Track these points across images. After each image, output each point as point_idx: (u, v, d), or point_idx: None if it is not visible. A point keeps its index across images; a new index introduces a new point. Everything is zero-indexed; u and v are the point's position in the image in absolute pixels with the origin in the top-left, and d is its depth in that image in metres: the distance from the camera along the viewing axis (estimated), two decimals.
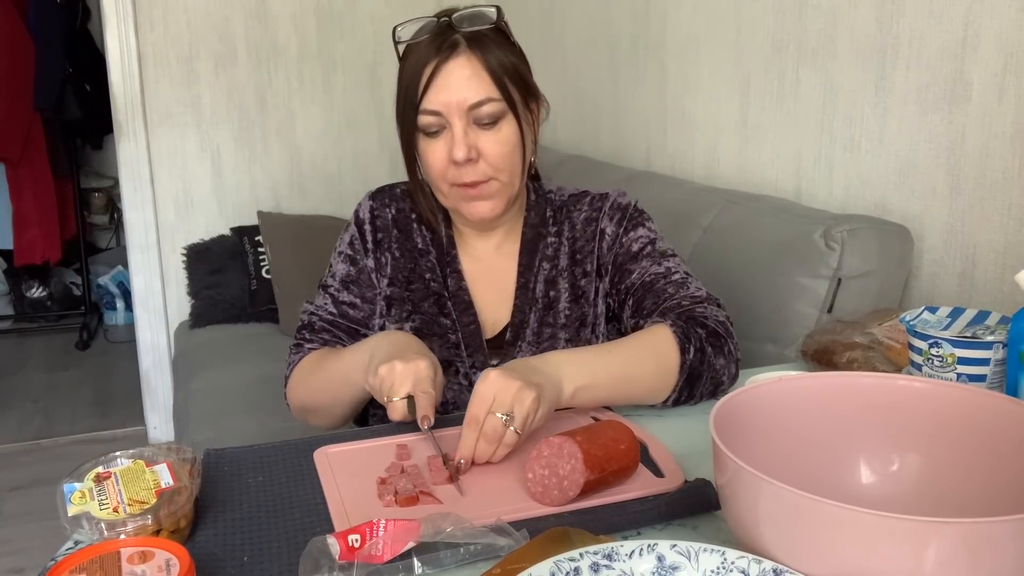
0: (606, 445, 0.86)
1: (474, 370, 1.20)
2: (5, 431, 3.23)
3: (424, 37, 1.13)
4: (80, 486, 0.81)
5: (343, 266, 1.25)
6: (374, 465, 0.94)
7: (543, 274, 1.24)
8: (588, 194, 1.28)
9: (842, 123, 1.60)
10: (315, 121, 3.16)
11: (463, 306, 1.22)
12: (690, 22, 2.03)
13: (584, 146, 2.58)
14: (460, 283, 1.23)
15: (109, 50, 2.92)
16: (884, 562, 0.57)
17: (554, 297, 1.23)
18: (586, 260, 1.24)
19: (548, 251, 1.25)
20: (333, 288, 1.25)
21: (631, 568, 0.64)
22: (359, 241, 1.25)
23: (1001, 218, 1.32)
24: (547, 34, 2.74)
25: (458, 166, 1.12)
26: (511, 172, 1.16)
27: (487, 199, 1.16)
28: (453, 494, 0.88)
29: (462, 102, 1.11)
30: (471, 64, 1.12)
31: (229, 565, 0.77)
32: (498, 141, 1.13)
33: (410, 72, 1.12)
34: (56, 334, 4.24)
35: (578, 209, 1.27)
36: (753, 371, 1.15)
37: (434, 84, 1.11)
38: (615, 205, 1.25)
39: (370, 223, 1.25)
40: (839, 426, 0.79)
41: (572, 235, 1.26)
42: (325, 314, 1.24)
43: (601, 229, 1.24)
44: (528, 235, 1.25)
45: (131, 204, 3.02)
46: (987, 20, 1.31)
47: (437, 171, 1.14)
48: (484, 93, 1.11)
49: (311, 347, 1.23)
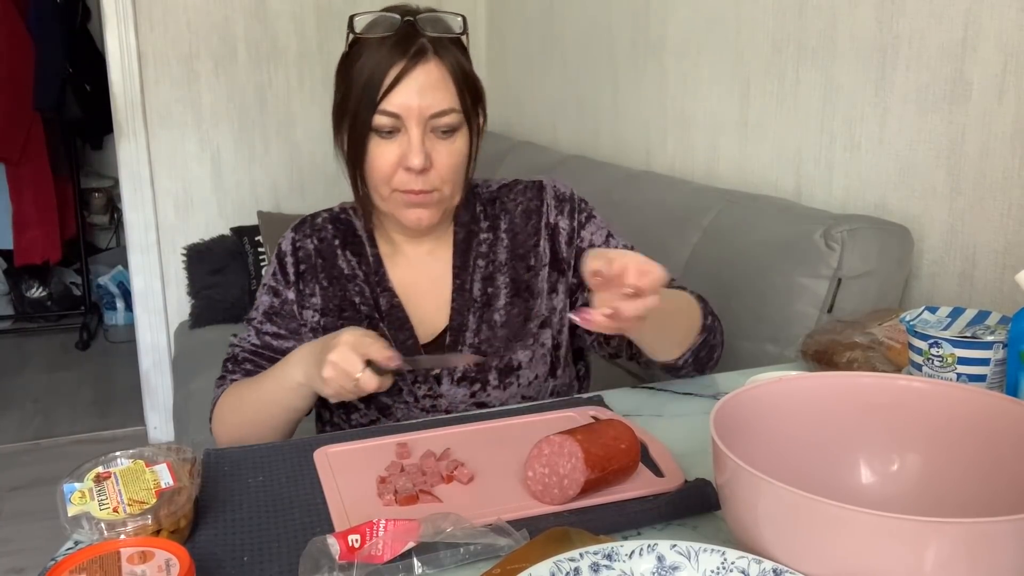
0: (607, 444, 0.85)
1: (417, 385, 1.18)
2: (5, 431, 3.23)
3: (387, 34, 1.09)
4: (80, 486, 0.81)
5: (266, 298, 1.23)
6: (374, 464, 0.94)
7: (479, 272, 1.22)
8: (519, 183, 1.26)
9: (842, 123, 1.60)
10: (315, 121, 3.15)
11: (398, 323, 1.19)
12: (690, 22, 2.03)
13: (584, 146, 2.58)
14: (392, 300, 1.20)
15: (109, 50, 2.92)
16: (884, 562, 0.57)
17: (492, 294, 1.21)
18: (530, 254, 1.22)
19: (482, 248, 1.23)
20: (256, 320, 1.23)
21: (631, 568, 0.64)
22: (280, 274, 1.22)
23: (1001, 218, 1.32)
24: (547, 34, 2.74)
25: (407, 172, 1.10)
26: (455, 185, 1.15)
27: (426, 208, 1.14)
28: (453, 494, 0.88)
29: (425, 109, 1.09)
30: (440, 72, 1.10)
31: (229, 565, 0.78)
32: (451, 152, 1.12)
33: (372, 69, 1.09)
34: (56, 334, 4.24)
35: (512, 200, 1.25)
36: (753, 371, 1.15)
37: (399, 87, 1.08)
38: (559, 196, 1.24)
39: (291, 255, 1.23)
40: (839, 426, 0.79)
41: (511, 228, 1.23)
42: (248, 345, 1.22)
43: (552, 223, 1.23)
44: (460, 235, 1.23)
45: (131, 204, 3.02)
46: (987, 20, 1.31)
47: (383, 174, 1.12)
48: (448, 103, 1.10)
49: (233, 378, 1.21)
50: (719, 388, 1.16)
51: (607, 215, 1.33)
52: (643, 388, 1.17)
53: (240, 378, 1.21)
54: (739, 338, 1.50)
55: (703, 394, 1.14)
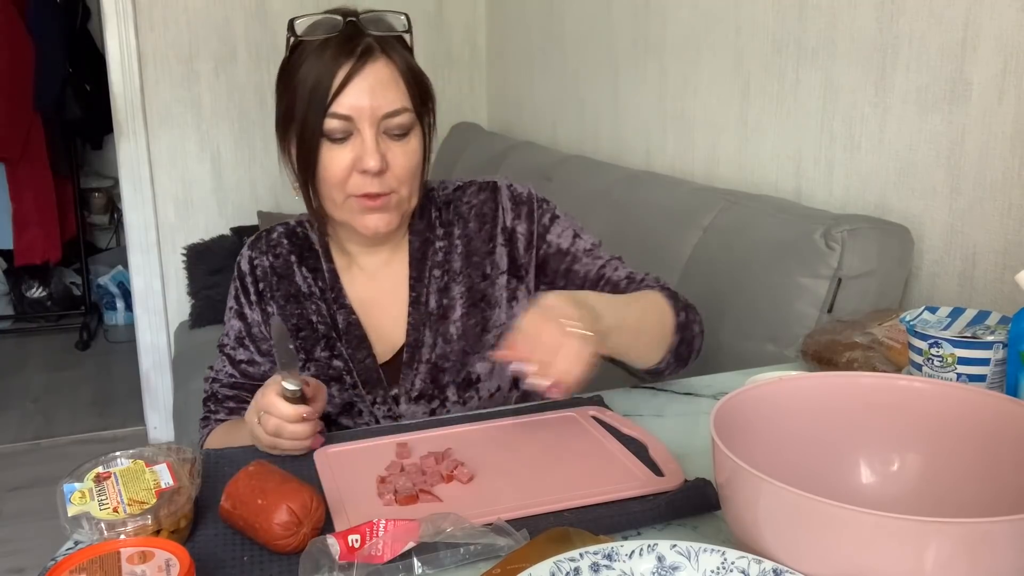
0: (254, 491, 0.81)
1: (376, 406, 1.15)
2: (5, 431, 3.23)
3: (330, 35, 1.06)
4: (80, 486, 0.81)
5: (235, 323, 1.20)
6: (374, 464, 0.94)
7: (435, 283, 1.17)
8: (473, 184, 1.21)
9: (842, 123, 1.59)
10: None
11: (356, 342, 1.16)
12: (690, 22, 2.03)
13: (584, 146, 2.58)
14: (350, 318, 1.17)
15: (109, 50, 2.92)
16: (884, 562, 0.57)
17: (448, 305, 1.17)
18: (485, 262, 1.18)
19: (438, 257, 1.18)
20: (228, 347, 1.20)
21: (631, 568, 0.64)
22: (243, 294, 1.19)
23: (1001, 218, 1.32)
24: (547, 34, 2.74)
25: (362, 176, 1.06)
26: (411, 186, 1.11)
27: (384, 212, 1.09)
28: (453, 494, 0.88)
29: (376, 109, 1.05)
30: (389, 70, 1.07)
31: (229, 565, 0.77)
32: (405, 153, 1.08)
33: (319, 72, 1.05)
34: (56, 334, 4.24)
35: (465, 204, 1.20)
36: (753, 371, 1.15)
37: (349, 88, 1.04)
38: (515, 199, 1.19)
39: (250, 274, 1.19)
40: (839, 426, 0.79)
41: (464, 234, 1.19)
42: (225, 378, 1.19)
43: (508, 227, 1.18)
44: (415, 244, 1.18)
45: (131, 204, 3.03)
46: (987, 20, 1.31)
47: (337, 179, 1.07)
48: (400, 103, 1.07)
49: (218, 419, 1.18)
50: (719, 388, 1.16)
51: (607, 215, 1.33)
52: (643, 388, 1.17)
53: (224, 417, 1.18)
54: (739, 338, 1.50)
55: (703, 394, 1.14)
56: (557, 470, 0.92)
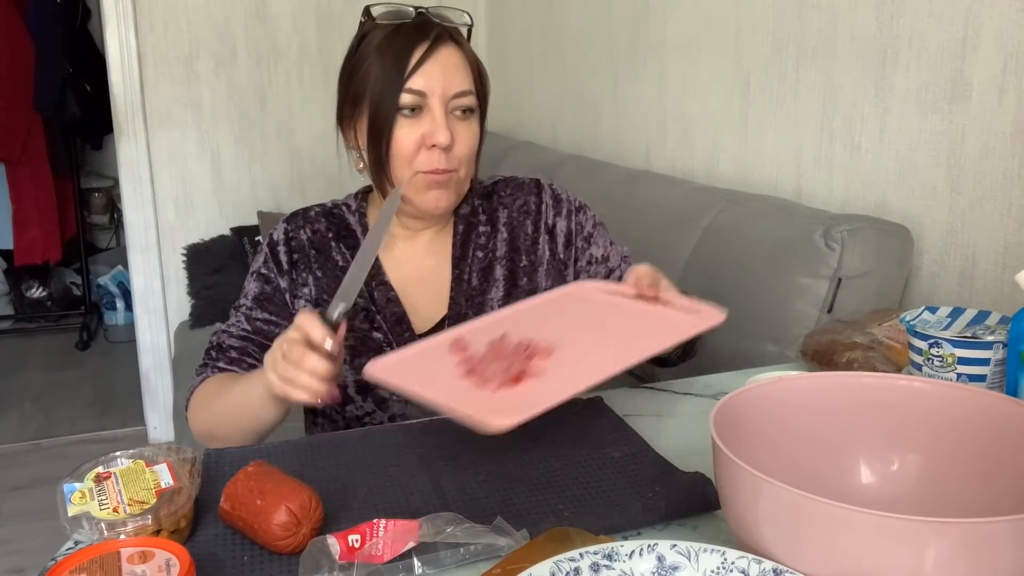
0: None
1: None
2: (5, 431, 3.23)
3: (404, 21, 1.14)
4: (80, 486, 0.81)
5: (255, 285, 1.21)
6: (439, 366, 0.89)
7: (477, 263, 1.23)
8: (515, 179, 1.29)
9: (842, 123, 1.59)
10: (315, 121, 3.16)
11: (395, 318, 1.19)
12: (690, 22, 2.03)
13: (584, 146, 2.58)
14: (389, 294, 1.20)
15: (109, 50, 2.92)
16: (884, 562, 0.57)
17: (489, 285, 1.22)
18: (528, 251, 1.24)
19: (481, 240, 1.24)
20: (245, 307, 1.20)
21: (631, 568, 0.64)
22: (272, 262, 1.22)
23: (1001, 218, 1.32)
24: (547, 34, 2.74)
25: (429, 153, 1.12)
26: (469, 169, 1.17)
27: (446, 189, 1.15)
28: (546, 366, 0.85)
29: (447, 88, 1.12)
30: (459, 56, 1.14)
31: (229, 565, 0.77)
32: (469, 134, 1.15)
33: (397, 50, 1.12)
34: (56, 334, 4.24)
35: (508, 195, 1.27)
36: (753, 371, 1.15)
37: (424, 66, 1.11)
38: (556, 198, 1.26)
39: (284, 244, 1.22)
40: (839, 426, 0.79)
41: (509, 222, 1.25)
42: (237, 331, 1.19)
43: (550, 224, 1.25)
44: (460, 227, 1.25)
45: (131, 204, 3.03)
46: (987, 20, 1.31)
47: (407, 153, 1.13)
48: (467, 85, 1.14)
49: (217, 367, 1.18)
50: (719, 388, 1.16)
51: (607, 215, 1.33)
52: (643, 388, 1.17)
53: (224, 367, 1.17)
54: (739, 338, 1.50)
55: (703, 394, 1.14)
56: (619, 328, 0.93)
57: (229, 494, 0.81)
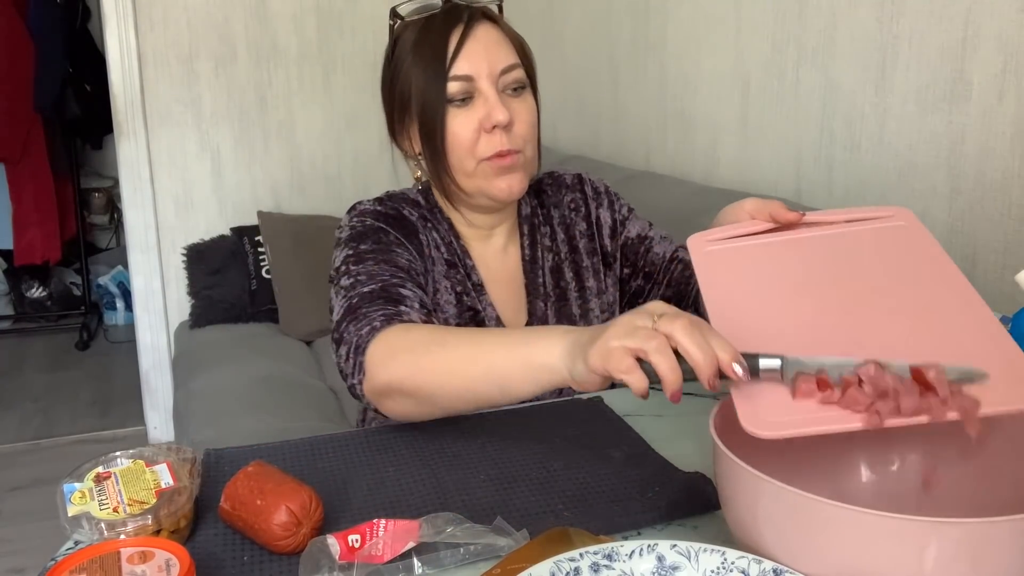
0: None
1: None
2: (5, 431, 3.23)
3: (434, 11, 1.10)
4: (80, 486, 0.81)
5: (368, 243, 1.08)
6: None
7: (547, 264, 1.22)
8: (559, 177, 1.27)
9: (842, 123, 1.60)
10: (315, 121, 3.16)
11: (491, 321, 1.16)
12: (690, 22, 2.03)
13: (584, 146, 2.58)
14: (481, 296, 1.17)
15: (109, 50, 2.92)
16: (884, 562, 0.57)
17: (564, 287, 1.21)
18: (585, 250, 1.24)
19: (545, 241, 1.23)
20: (371, 259, 1.05)
21: (631, 568, 0.64)
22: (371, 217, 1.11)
23: (1001, 218, 1.32)
24: (547, 34, 2.74)
25: (490, 136, 1.07)
26: (533, 147, 1.13)
27: (515, 172, 1.10)
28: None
29: (494, 64, 1.08)
30: (497, 32, 1.11)
31: (229, 565, 0.77)
32: (526, 108, 1.11)
33: (433, 41, 1.08)
34: (56, 334, 4.24)
35: (556, 191, 1.26)
36: None
37: (464, 49, 1.07)
38: (595, 189, 1.26)
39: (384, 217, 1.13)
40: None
41: (562, 221, 1.24)
42: (385, 274, 1.02)
43: (596, 217, 1.25)
44: (525, 227, 1.23)
45: (131, 204, 3.03)
46: (987, 20, 1.31)
47: (467, 143, 1.08)
48: (513, 58, 1.10)
49: (407, 313, 0.99)
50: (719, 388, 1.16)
51: None
52: None
53: (412, 312, 0.99)
54: None
55: (703, 394, 1.14)
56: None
57: (229, 494, 0.81)
